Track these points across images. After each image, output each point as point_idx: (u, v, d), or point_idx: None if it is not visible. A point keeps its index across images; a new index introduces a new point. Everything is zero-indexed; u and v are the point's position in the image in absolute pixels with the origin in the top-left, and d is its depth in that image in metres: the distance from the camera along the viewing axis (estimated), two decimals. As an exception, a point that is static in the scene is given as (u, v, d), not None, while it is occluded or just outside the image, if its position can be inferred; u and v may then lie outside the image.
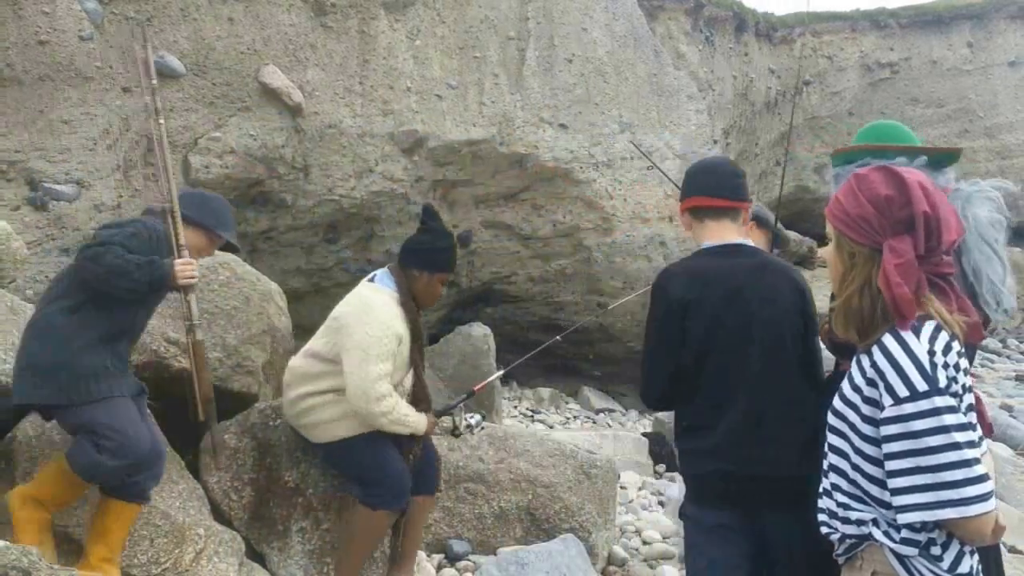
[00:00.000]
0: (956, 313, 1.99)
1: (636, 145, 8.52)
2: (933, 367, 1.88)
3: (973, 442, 1.86)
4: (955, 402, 1.87)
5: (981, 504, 1.82)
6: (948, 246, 1.97)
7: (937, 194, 1.99)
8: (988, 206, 2.66)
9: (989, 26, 24.47)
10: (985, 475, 1.84)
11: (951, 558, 1.91)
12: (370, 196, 9.66)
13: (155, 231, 3.76)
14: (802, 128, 22.99)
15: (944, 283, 2.01)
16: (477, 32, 10.75)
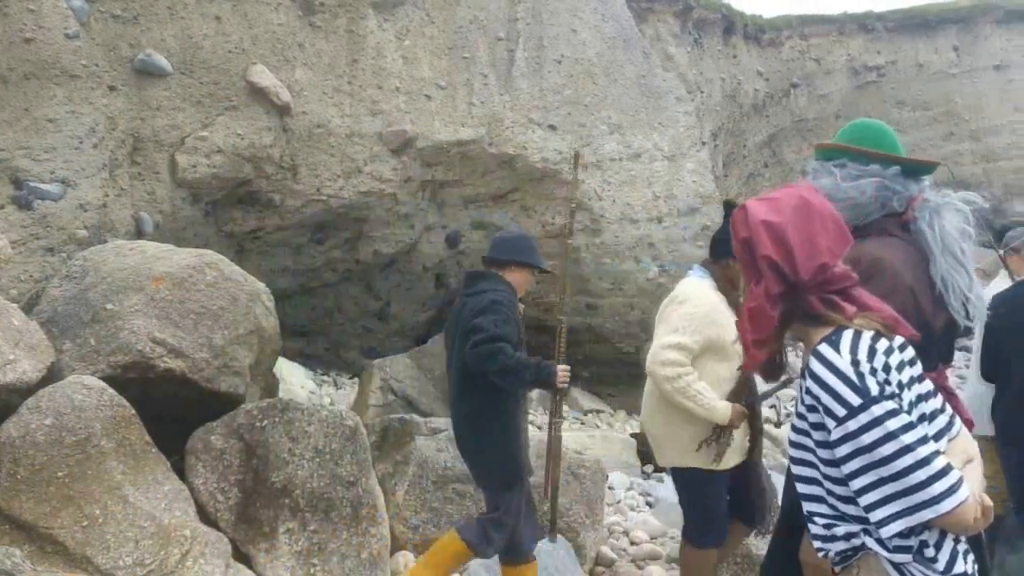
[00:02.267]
0: (867, 314, 1.99)
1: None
2: (860, 377, 1.87)
3: (924, 438, 1.86)
4: (894, 404, 1.86)
5: (952, 498, 1.81)
6: (816, 272, 1.97)
7: (798, 223, 1.99)
8: (956, 217, 2.70)
9: (975, 30, 24.62)
10: (947, 467, 1.83)
11: (946, 558, 1.91)
12: (358, 196, 9.64)
13: (512, 305, 4.09)
14: (789, 130, 23.08)
15: (846, 294, 2.02)
16: (466, 32, 10.74)
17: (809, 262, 1.98)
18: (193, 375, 4.65)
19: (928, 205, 2.73)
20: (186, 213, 8.36)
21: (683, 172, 12.47)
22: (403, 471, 5.32)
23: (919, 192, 2.77)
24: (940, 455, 1.86)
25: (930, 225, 2.70)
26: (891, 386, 1.90)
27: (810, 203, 2.05)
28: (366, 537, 4.60)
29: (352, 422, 4.75)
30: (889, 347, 1.97)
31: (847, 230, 2.07)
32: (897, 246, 2.70)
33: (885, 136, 2.89)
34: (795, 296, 2.00)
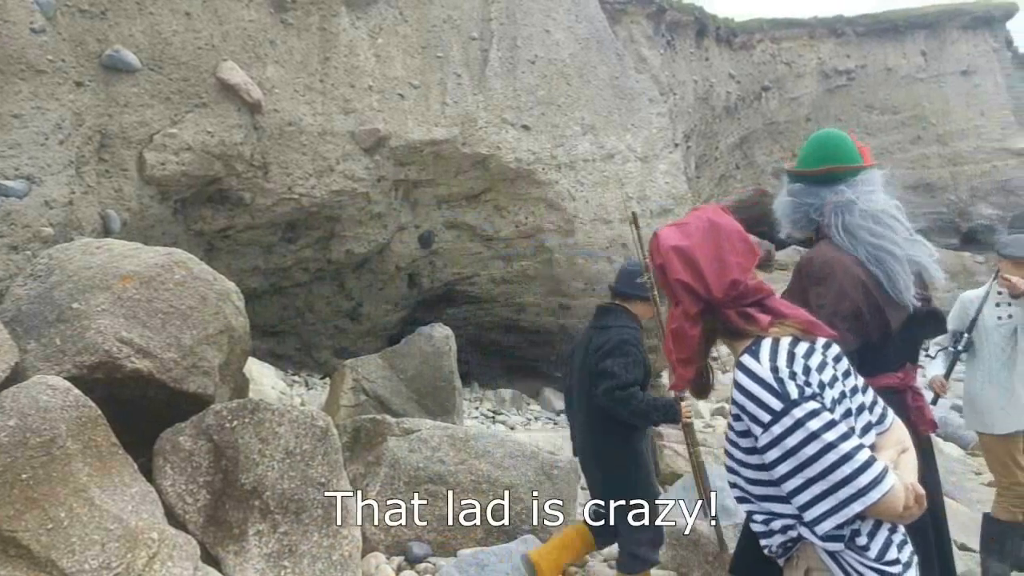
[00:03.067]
0: (783, 321, 2.08)
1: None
2: (780, 382, 1.96)
3: (847, 434, 1.94)
4: (815, 404, 1.94)
5: (877, 488, 1.89)
6: (728, 288, 2.07)
7: (706, 244, 2.09)
8: (866, 219, 2.73)
9: (942, 36, 24.95)
10: (871, 459, 1.91)
11: (879, 547, 1.99)
12: (330, 195, 9.58)
13: (639, 343, 4.24)
14: (761, 133, 23.25)
15: (762, 305, 2.10)
16: (440, 32, 10.71)
17: (720, 280, 2.08)
18: (161, 375, 4.60)
19: (833, 209, 2.79)
20: (154, 211, 8.27)
21: (656, 173, 12.51)
22: (375, 472, 5.29)
23: (830, 198, 2.82)
24: (864, 448, 1.93)
25: (836, 227, 2.79)
26: (811, 387, 1.98)
27: (717, 224, 2.15)
28: (337, 539, 4.56)
29: (323, 423, 4.71)
30: (809, 349, 2.05)
31: (755, 245, 2.15)
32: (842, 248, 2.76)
33: (815, 149, 2.98)
34: (713, 313, 2.10)
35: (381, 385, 7.50)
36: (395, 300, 11.58)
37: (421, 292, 11.75)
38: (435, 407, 7.44)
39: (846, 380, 2.12)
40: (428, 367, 7.67)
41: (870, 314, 2.65)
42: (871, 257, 2.72)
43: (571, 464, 5.65)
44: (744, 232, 2.17)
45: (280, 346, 11.02)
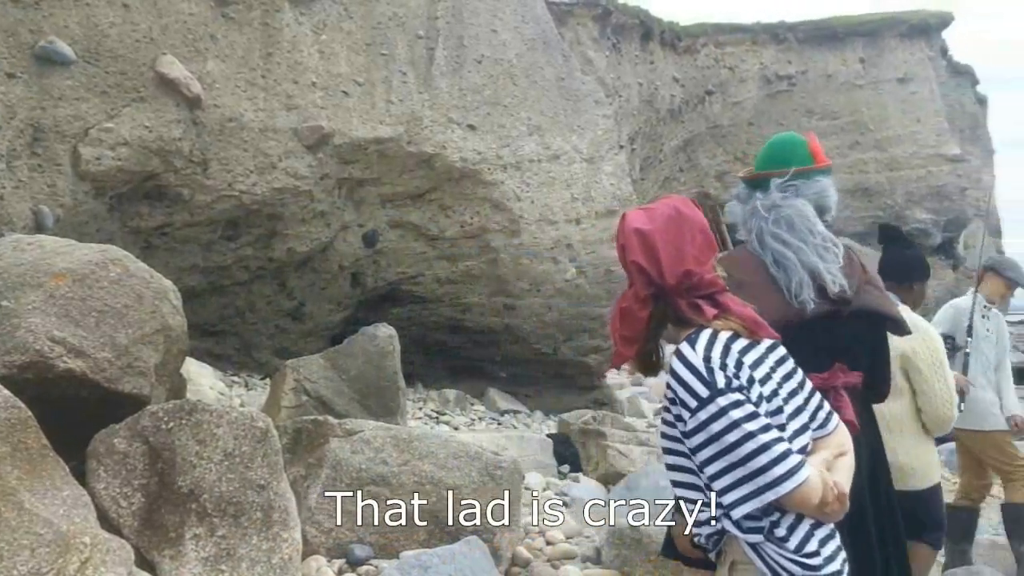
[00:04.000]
0: (728, 316, 2.17)
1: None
2: (710, 372, 2.06)
3: (768, 426, 2.03)
4: (740, 396, 2.04)
5: (791, 480, 1.98)
6: (681, 277, 2.15)
7: (668, 232, 2.17)
8: (779, 225, 2.84)
9: (880, 43, 25.52)
10: (787, 452, 2.00)
11: (798, 539, 2.06)
12: (272, 193, 9.48)
13: None
14: (704, 136, 23.55)
15: (713, 299, 2.19)
16: (385, 29, 10.66)
17: (674, 268, 2.16)
18: (95, 375, 4.52)
19: (752, 214, 2.87)
20: (89, 207, 8.11)
21: (601, 175, 12.60)
22: (316, 474, 5.24)
23: (753, 203, 2.90)
24: (782, 442, 2.03)
25: (751, 232, 2.89)
26: (740, 380, 2.07)
27: (682, 214, 2.23)
28: (277, 542, 4.51)
29: (263, 424, 4.65)
30: (748, 345, 2.15)
31: (714, 240, 2.24)
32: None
33: (760, 154, 3.07)
34: (664, 299, 2.18)
35: (323, 386, 7.41)
36: (338, 300, 11.50)
37: (365, 292, 11.68)
38: (378, 408, 7.38)
39: (786, 381, 2.20)
40: (371, 367, 7.60)
41: (766, 314, 2.70)
42: (774, 261, 2.78)
43: (515, 465, 5.65)
44: (707, 227, 2.24)
45: (219, 346, 10.88)
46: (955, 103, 28.53)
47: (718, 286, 2.21)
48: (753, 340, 2.18)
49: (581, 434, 8.87)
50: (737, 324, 2.17)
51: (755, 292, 2.73)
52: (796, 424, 2.15)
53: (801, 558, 2.04)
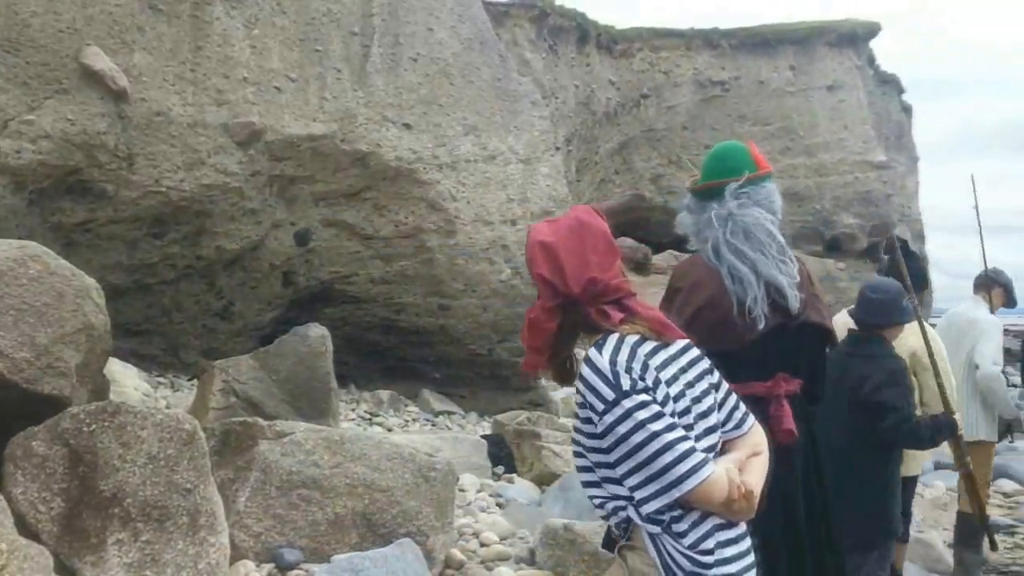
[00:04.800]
0: (636, 320, 2.22)
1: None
2: (616, 375, 2.12)
3: (672, 425, 2.10)
4: (644, 397, 2.11)
5: (693, 477, 2.06)
6: (586, 285, 2.20)
7: (571, 242, 2.23)
8: (736, 235, 2.86)
9: (810, 52, 26.10)
10: (689, 450, 2.07)
11: (696, 536, 2.13)
12: (201, 189, 9.33)
13: (907, 372, 4.38)
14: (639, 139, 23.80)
15: (620, 304, 2.24)
16: (319, 25, 10.55)
17: (579, 277, 2.20)
18: (13, 376, 4.38)
19: (707, 223, 2.87)
20: (7, 202, 7.91)
21: (537, 176, 12.64)
22: (245, 477, 5.13)
23: (708, 213, 2.90)
24: (686, 441, 2.10)
25: (707, 241, 2.89)
26: (645, 382, 2.13)
27: (585, 223, 2.29)
28: (204, 547, 4.41)
29: (190, 426, 4.54)
30: (655, 348, 2.20)
31: (616, 246, 2.29)
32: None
33: (706, 163, 3.09)
34: (574, 309, 2.23)
35: (252, 387, 7.29)
36: (268, 299, 11.36)
37: (296, 291, 11.56)
38: (310, 409, 7.29)
39: (698, 382, 2.25)
40: (303, 368, 7.50)
41: (719, 327, 2.71)
42: (730, 273, 2.79)
43: (448, 466, 5.62)
44: (609, 234, 2.29)
45: (144, 346, 10.66)
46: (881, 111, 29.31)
47: (624, 291, 2.25)
48: (662, 342, 2.23)
49: (516, 435, 8.87)
50: (643, 327, 2.21)
51: (710, 304, 2.73)
52: (705, 424, 2.21)
53: (694, 554, 2.11)
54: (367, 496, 5.11)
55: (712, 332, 2.71)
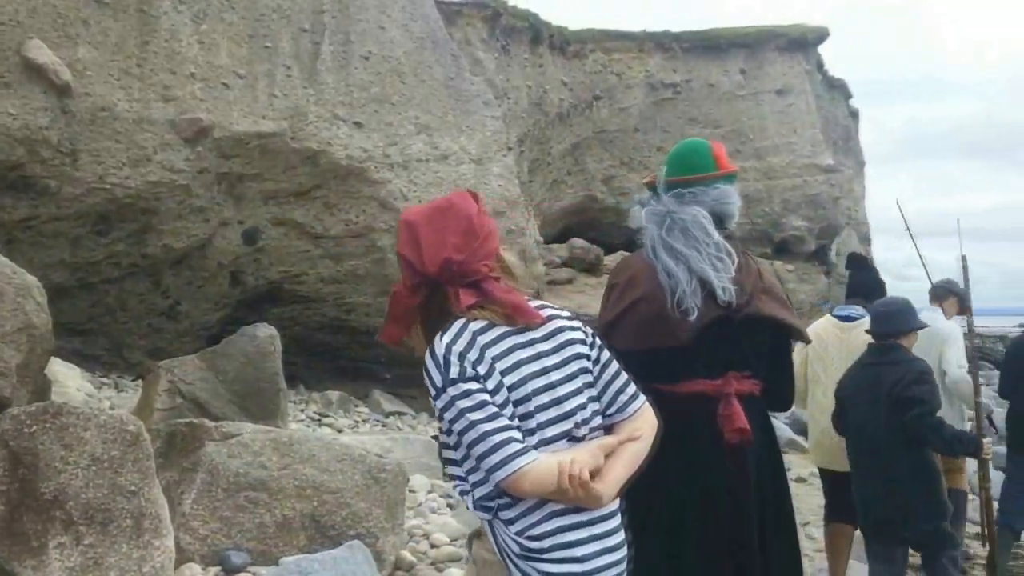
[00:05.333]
0: (488, 304, 2.23)
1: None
2: (447, 363, 2.15)
3: (494, 415, 2.11)
4: (469, 386, 2.13)
5: (503, 469, 2.08)
6: (442, 265, 2.22)
7: (433, 222, 2.27)
8: (672, 233, 2.85)
9: (760, 56, 26.44)
10: (504, 441, 2.09)
11: (526, 523, 2.15)
12: (147, 186, 9.19)
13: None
14: (592, 140, 23.91)
15: (478, 287, 2.25)
16: (269, 21, 10.44)
17: (435, 257, 2.22)
18: (-51, 376, 4.24)
19: (647, 219, 2.88)
20: (-54, 198, 7.68)
21: (489, 176, 12.64)
22: (191, 479, 5.06)
23: (648, 209, 2.91)
24: (504, 432, 2.10)
25: (647, 238, 2.87)
26: (476, 371, 2.14)
27: (453, 204, 2.30)
28: (149, 550, 4.34)
29: (134, 427, 4.46)
30: (497, 337, 2.20)
31: (478, 231, 2.27)
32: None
33: (667, 161, 3.04)
34: (435, 288, 2.26)
35: (199, 387, 7.19)
36: (216, 299, 11.23)
37: (244, 291, 11.44)
38: (258, 410, 7.21)
39: (563, 366, 2.23)
40: (251, 368, 7.42)
41: (653, 322, 2.70)
42: (664, 269, 2.78)
43: (399, 467, 5.60)
44: (474, 217, 2.28)
45: (88, 346, 10.48)
46: (829, 115, 29.80)
47: (480, 274, 2.25)
48: (510, 329, 2.22)
49: (467, 435, 8.85)
50: (491, 313, 2.22)
51: (644, 299, 2.72)
52: (549, 415, 2.19)
53: (522, 539, 2.14)
54: (316, 498, 5.08)
55: (646, 327, 2.71)
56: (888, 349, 4.65)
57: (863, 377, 4.68)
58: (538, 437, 2.16)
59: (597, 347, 2.31)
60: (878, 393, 4.53)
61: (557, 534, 2.15)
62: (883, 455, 4.52)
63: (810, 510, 7.35)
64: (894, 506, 4.54)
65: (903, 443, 4.48)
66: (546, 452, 2.14)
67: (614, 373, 2.31)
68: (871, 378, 4.61)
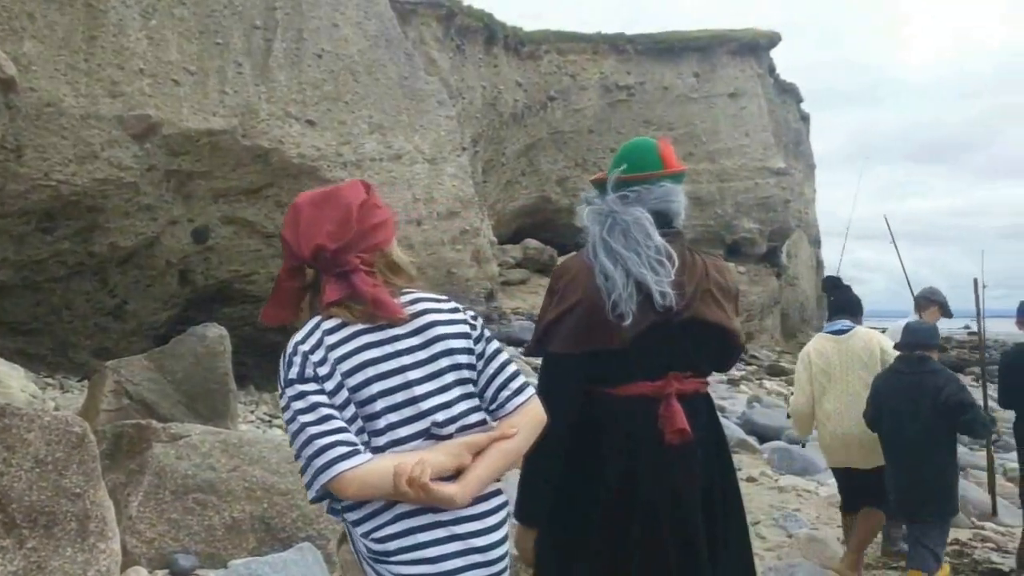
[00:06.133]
0: (346, 303, 2.18)
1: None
2: (290, 363, 2.13)
3: (326, 418, 2.08)
4: (307, 387, 2.10)
5: (325, 473, 2.06)
6: (314, 251, 2.19)
7: (315, 207, 2.24)
8: (613, 233, 2.80)
9: (713, 59, 26.72)
10: (330, 445, 2.06)
11: (373, 525, 2.12)
12: (93, 184, 9.02)
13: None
14: (546, 141, 23.98)
15: (346, 278, 2.21)
16: (220, 17, 10.31)
17: (308, 242, 2.19)
18: None
19: (588, 219, 2.85)
20: None
21: (443, 176, 12.62)
22: (138, 481, 4.98)
23: (591, 207, 2.88)
24: (334, 434, 2.07)
25: (588, 237, 2.82)
26: (319, 371, 2.11)
27: (339, 191, 2.27)
28: (94, 553, 4.25)
29: (79, 428, 4.37)
30: (346, 337, 2.15)
31: (354, 222, 2.23)
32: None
33: (613, 159, 3.00)
34: (317, 275, 2.23)
35: (147, 388, 7.07)
36: (164, 298, 11.06)
37: (194, 290, 11.29)
38: (207, 411, 7.11)
39: (425, 364, 2.17)
40: (200, 369, 7.31)
41: (591, 324, 2.68)
42: (602, 271, 2.73)
43: (351, 468, 5.55)
44: (353, 207, 2.23)
45: (32, 345, 10.26)
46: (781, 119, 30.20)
47: (351, 264, 2.20)
48: (365, 328, 2.17)
49: (419, 436, 8.84)
50: (347, 311, 2.17)
51: (582, 302, 2.69)
52: (402, 414, 2.13)
53: (369, 541, 2.12)
54: (266, 500, 5.01)
55: (584, 330, 2.67)
56: (923, 360, 5.38)
57: (899, 382, 5.37)
58: (388, 437, 2.11)
59: (484, 340, 2.24)
60: (917, 397, 5.24)
61: (406, 536, 2.10)
62: (918, 452, 5.24)
63: (760, 509, 7.42)
64: (919, 494, 5.27)
65: (936, 443, 5.25)
66: (399, 452, 2.09)
67: (498, 367, 2.24)
68: (909, 384, 5.31)
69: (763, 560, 6.11)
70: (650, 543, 2.63)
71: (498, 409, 2.21)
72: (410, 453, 2.09)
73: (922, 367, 5.33)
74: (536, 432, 2.27)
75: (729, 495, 2.87)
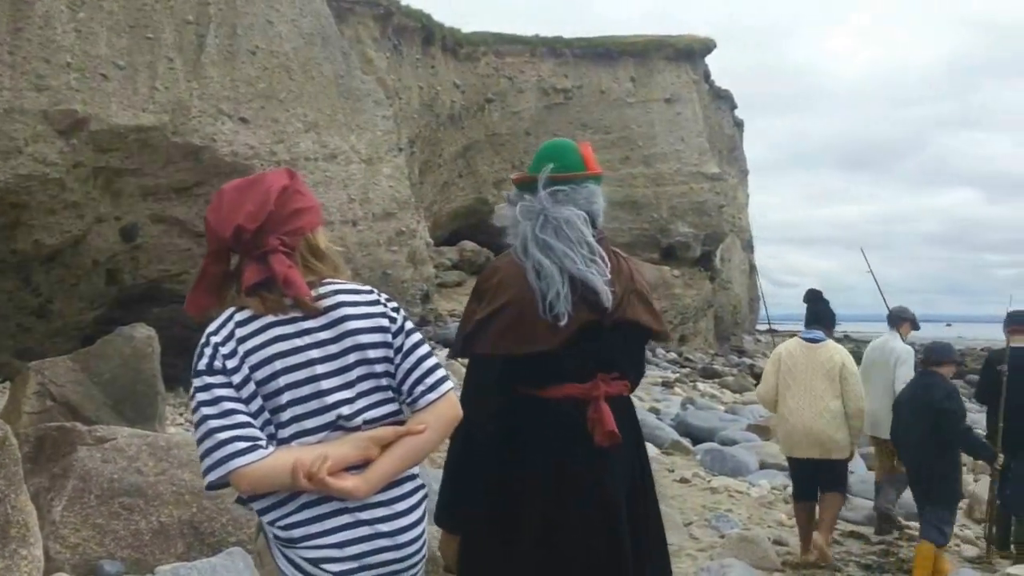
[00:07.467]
0: (258, 294, 2.18)
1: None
2: (201, 354, 2.14)
3: (228, 411, 2.11)
4: (213, 379, 2.12)
5: (220, 468, 2.08)
6: (234, 233, 2.20)
7: (238, 191, 2.25)
8: (546, 231, 2.78)
9: (649, 64, 27.04)
10: (229, 440, 2.08)
11: (276, 515, 2.14)
12: (17, 180, 8.74)
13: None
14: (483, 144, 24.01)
15: (265, 261, 2.21)
16: (151, 12, 10.08)
17: (229, 222, 2.19)
18: None
19: (517, 218, 2.82)
20: None
21: (380, 176, 12.53)
22: (62, 485, 4.85)
23: (520, 207, 2.84)
24: (230, 430, 2.09)
25: (516, 237, 2.78)
26: (227, 363, 2.13)
27: (262, 177, 2.28)
28: (15, 559, 4.13)
29: (0, 431, 4.24)
30: (258, 330, 2.16)
31: (273, 203, 2.22)
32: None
33: (534, 157, 2.97)
34: (238, 261, 2.24)
35: (71, 390, 6.89)
36: (91, 297, 10.77)
37: (122, 289, 11.03)
38: (134, 414, 6.96)
39: (336, 359, 2.18)
40: (127, 370, 7.15)
41: (523, 326, 2.65)
42: (535, 269, 2.69)
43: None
44: (274, 190, 2.23)
45: (-49, 346, 9.91)
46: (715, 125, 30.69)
47: (270, 246, 2.20)
48: (277, 320, 2.16)
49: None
50: (259, 302, 2.17)
51: (513, 302, 2.65)
52: (309, 406, 2.15)
53: (275, 529, 2.15)
54: (195, 504, 4.92)
55: (511, 332, 2.64)
56: (930, 374, 6.25)
57: (909, 394, 6.33)
58: (294, 429, 2.13)
59: (403, 333, 2.23)
60: (919, 406, 6.07)
61: (311, 523, 2.12)
62: (920, 453, 6.08)
63: (693, 510, 7.50)
64: (923, 485, 6.14)
65: (935, 444, 5.98)
66: (304, 444, 2.11)
67: (415, 362, 2.24)
68: (914, 395, 6.23)
69: (696, 560, 6.18)
70: (579, 544, 2.63)
71: (413, 403, 2.22)
72: (314, 446, 2.11)
73: (926, 380, 6.24)
74: (448, 429, 2.27)
75: (650, 495, 2.89)
